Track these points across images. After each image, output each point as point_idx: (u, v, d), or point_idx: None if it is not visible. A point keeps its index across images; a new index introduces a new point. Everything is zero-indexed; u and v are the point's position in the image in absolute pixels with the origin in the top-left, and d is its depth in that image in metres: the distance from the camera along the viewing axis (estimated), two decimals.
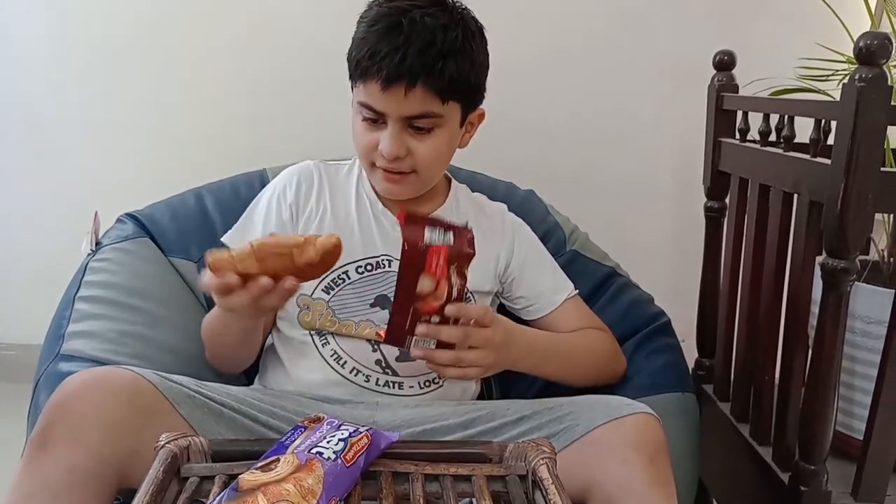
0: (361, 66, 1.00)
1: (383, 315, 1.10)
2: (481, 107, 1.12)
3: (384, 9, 1.02)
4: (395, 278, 0.93)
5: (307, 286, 1.09)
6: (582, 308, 1.22)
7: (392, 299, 0.98)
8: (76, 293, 1.20)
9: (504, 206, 1.27)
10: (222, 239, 1.15)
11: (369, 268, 1.12)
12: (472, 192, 1.28)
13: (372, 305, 1.11)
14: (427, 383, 1.13)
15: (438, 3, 1.03)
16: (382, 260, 1.12)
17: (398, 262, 0.91)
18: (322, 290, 1.11)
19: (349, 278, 1.11)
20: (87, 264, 1.25)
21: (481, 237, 1.14)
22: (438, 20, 1.00)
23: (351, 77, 1.06)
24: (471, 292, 1.14)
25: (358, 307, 1.11)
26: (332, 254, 0.87)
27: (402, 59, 0.97)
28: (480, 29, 1.07)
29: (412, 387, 1.12)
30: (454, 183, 1.24)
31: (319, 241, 0.86)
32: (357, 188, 1.18)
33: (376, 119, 1.03)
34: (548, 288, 1.20)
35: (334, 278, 1.11)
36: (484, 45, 1.08)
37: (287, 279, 0.85)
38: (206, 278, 0.86)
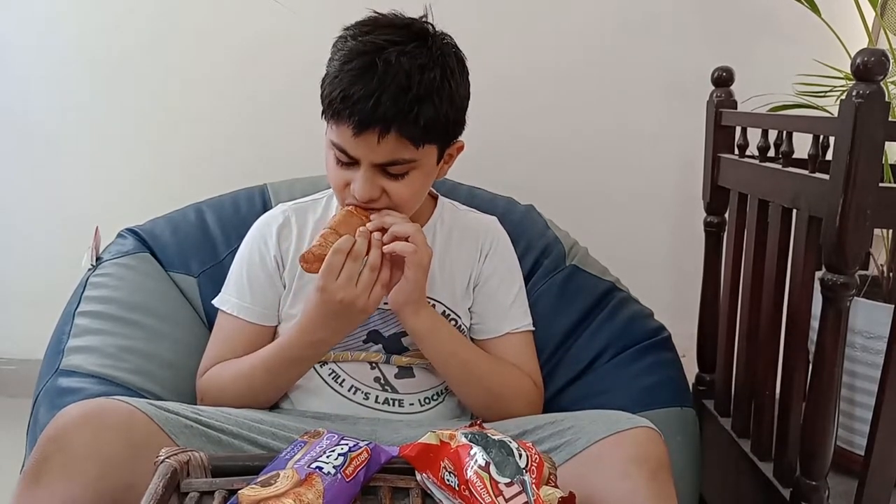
0: (333, 107, 0.95)
1: (377, 349, 1.10)
2: (461, 139, 1.06)
3: (359, 43, 0.95)
4: (385, 313, 0.93)
5: None
6: (524, 348, 1.15)
7: (385, 336, 1.04)
8: (76, 308, 1.20)
9: (494, 220, 1.22)
10: (213, 302, 1.14)
11: None
12: (472, 206, 1.26)
13: (365, 342, 1.10)
14: (427, 400, 1.12)
15: (418, 36, 0.97)
16: None
17: None
18: None
19: None
20: (87, 279, 1.25)
21: (458, 254, 1.14)
22: (416, 60, 0.93)
23: (324, 112, 0.99)
24: (451, 311, 1.12)
25: (351, 343, 1.10)
26: None
27: (375, 105, 0.91)
28: (462, 61, 1.02)
29: (412, 404, 1.11)
30: (440, 200, 1.20)
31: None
32: None
33: (349, 162, 0.99)
34: (497, 313, 1.14)
35: None
36: (465, 77, 1.02)
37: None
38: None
